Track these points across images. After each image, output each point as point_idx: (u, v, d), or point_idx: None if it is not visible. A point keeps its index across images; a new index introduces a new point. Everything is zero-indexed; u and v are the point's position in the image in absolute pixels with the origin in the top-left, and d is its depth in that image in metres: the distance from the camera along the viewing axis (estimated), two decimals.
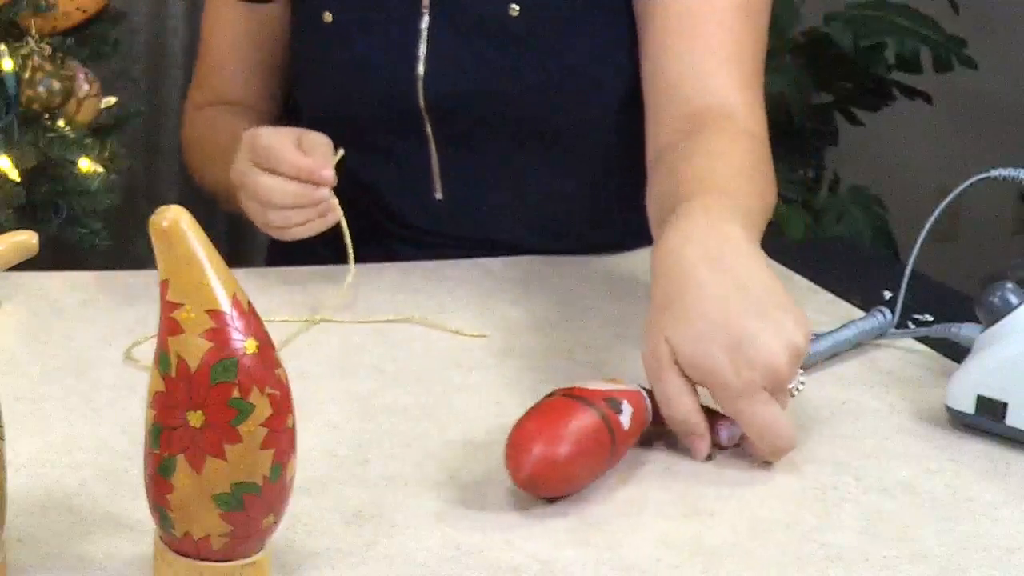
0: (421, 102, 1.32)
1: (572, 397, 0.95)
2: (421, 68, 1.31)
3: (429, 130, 1.34)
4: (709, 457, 1.00)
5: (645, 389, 1.02)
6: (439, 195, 1.37)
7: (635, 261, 1.37)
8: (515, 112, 1.32)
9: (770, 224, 2.96)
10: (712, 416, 1.04)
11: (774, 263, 1.40)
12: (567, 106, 1.32)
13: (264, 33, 1.45)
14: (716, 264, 0.98)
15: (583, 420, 0.94)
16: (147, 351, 1.08)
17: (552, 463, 0.92)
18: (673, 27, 1.26)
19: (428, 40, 1.31)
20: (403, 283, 1.32)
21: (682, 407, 0.97)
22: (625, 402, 0.97)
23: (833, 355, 1.19)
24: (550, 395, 0.97)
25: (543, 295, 1.29)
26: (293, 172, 1.21)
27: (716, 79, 1.25)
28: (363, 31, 1.33)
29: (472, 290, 1.30)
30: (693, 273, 0.97)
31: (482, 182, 1.36)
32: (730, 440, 1.02)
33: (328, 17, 1.33)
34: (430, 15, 1.31)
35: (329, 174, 1.21)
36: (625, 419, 0.96)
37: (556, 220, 1.38)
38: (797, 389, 1.01)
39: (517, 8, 1.28)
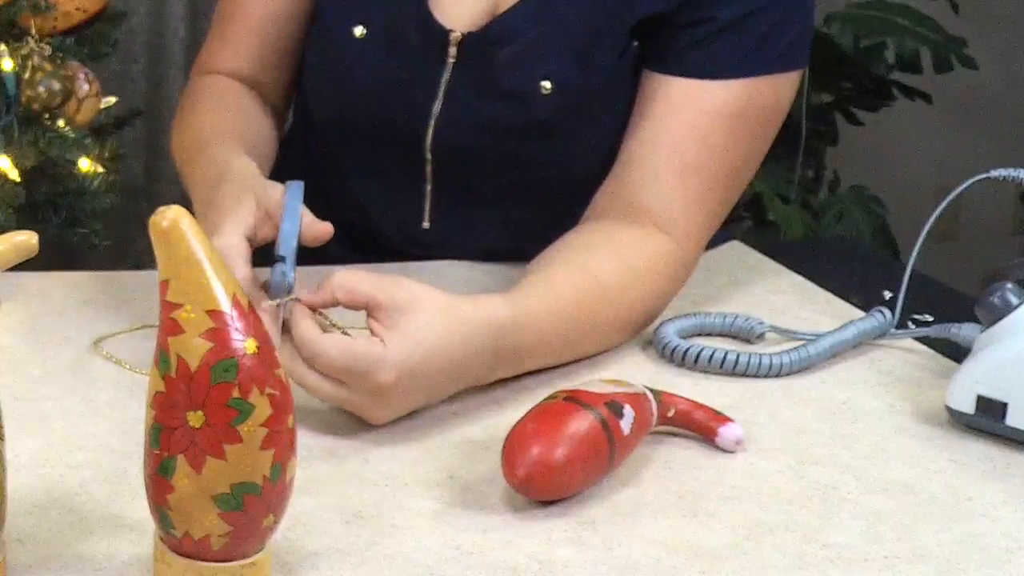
0: (428, 142, 1.31)
1: (572, 400, 0.95)
2: (437, 107, 1.29)
3: (429, 168, 1.32)
4: None
5: (650, 391, 1.02)
6: (426, 224, 1.35)
7: None
8: (517, 174, 1.30)
9: (770, 224, 2.94)
10: (714, 417, 1.04)
11: (774, 263, 1.40)
12: (570, 176, 1.30)
13: (297, 11, 1.38)
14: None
15: (581, 424, 0.93)
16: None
17: (547, 466, 0.92)
18: (650, 112, 1.23)
19: (447, 87, 1.28)
20: None
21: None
22: (627, 406, 0.97)
23: (833, 355, 1.19)
24: (552, 397, 0.97)
25: None
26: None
27: (665, 182, 1.21)
28: (390, 53, 1.30)
29: (474, 290, 1.30)
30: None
31: (471, 221, 1.34)
32: (732, 442, 1.03)
33: (359, 31, 1.29)
34: (453, 69, 1.27)
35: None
36: (626, 424, 0.96)
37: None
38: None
39: (549, 86, 1.25)
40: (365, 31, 1.29)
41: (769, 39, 1.22)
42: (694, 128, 1.21)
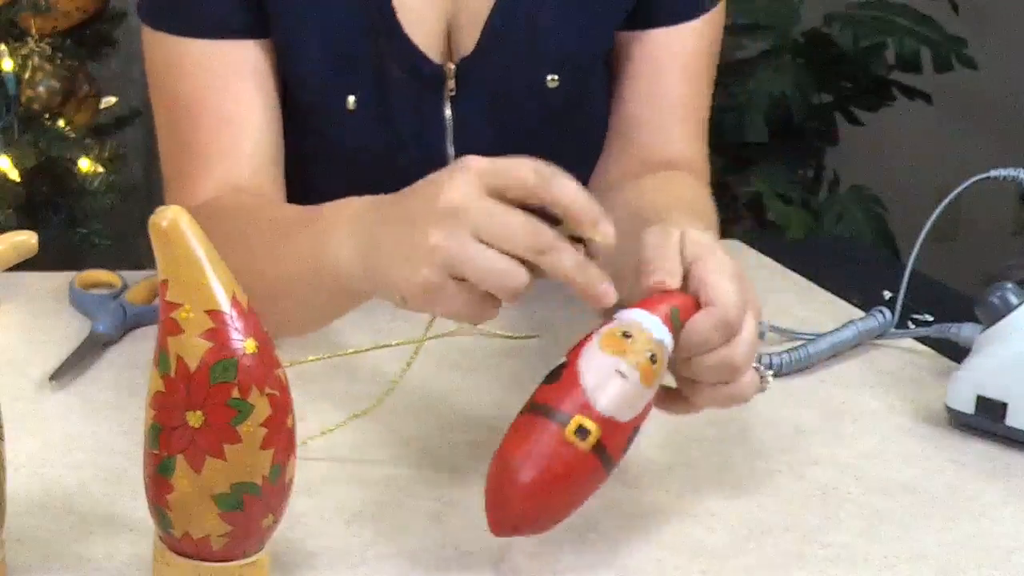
0: None
1: (539, 411, 0.84)
2: (450, 151, 1.25)
3: None
4: None
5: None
6: None
7: None
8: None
9: (770, 224, 2.94)
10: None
11: (774, 263, 1.40)
12: (586, 150, 1.30)
13: (273, 73, 1.19)
14: None
15: (559, 451, 0.82)
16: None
17: (534, 519, 0.83)
18: (640, 71, 1.26)
19: (455, 124, 1.24)
20: None
21: None
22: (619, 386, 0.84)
23: (833, 355, 1.19)
24: (535, 409, 0.85)
25: (542, 296, 1.29)
26: (568, 202, 0.87)
27: (673, 132, 1.26)
28: (388, 114, 1.22)
29: None
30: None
31: None
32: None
33: (351, 103, 1.20)
34: (456, 100, 1.23)
35: (610, 230, 0.88)
36: (623, 413, 0.84)
37: None
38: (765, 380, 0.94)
39: (556, 79, 1.24)
40: (356, 101, 1.20)
41: None
42: (683, 73, 1.26)
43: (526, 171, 0.87)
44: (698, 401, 0.92)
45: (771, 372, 0.97)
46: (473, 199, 0.86)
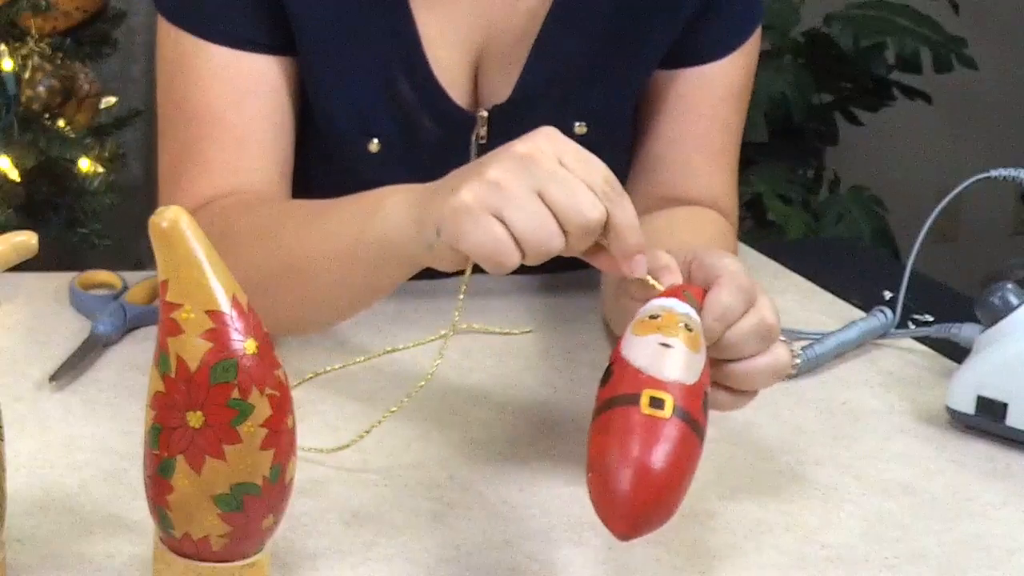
0: None
1: (604, 408, 0.82)
2: None
3: None
4: None
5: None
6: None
7: None
8: None
9: (770, 224, 2.93)
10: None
11: (774, 263, 1.40)
12: None
13: (290, 91, 1.16)
14: None
15: (645, 427, 0.80)
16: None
17: (655, 500, 0.80)
18: (669, 109, 1.23)
19: None
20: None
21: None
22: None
23: (836, 356, 1.19)
24: (611, 401, 0.82)
25: (541, 297, 1.29)
26: (623, 227, 0.88)
27: (700, 170, 1.23)
28: (411, 159, 1.18)
29: (469, 294, 1.29)
30: None
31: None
32: None
33: (374, 145, 1.17)
34: (483, 148, 1.19)
35: (639, 271, 0.90)
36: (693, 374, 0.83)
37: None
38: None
39: (584, 126, 1.21)
40: (380, 144, 1.18)
41: (741, 3, 1.23)
42: (713, 113, 1.23)
43: (600, 174, 0.87)
44: (743, 382, 0.90)
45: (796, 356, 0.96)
46: (548, 158, 0.86)
